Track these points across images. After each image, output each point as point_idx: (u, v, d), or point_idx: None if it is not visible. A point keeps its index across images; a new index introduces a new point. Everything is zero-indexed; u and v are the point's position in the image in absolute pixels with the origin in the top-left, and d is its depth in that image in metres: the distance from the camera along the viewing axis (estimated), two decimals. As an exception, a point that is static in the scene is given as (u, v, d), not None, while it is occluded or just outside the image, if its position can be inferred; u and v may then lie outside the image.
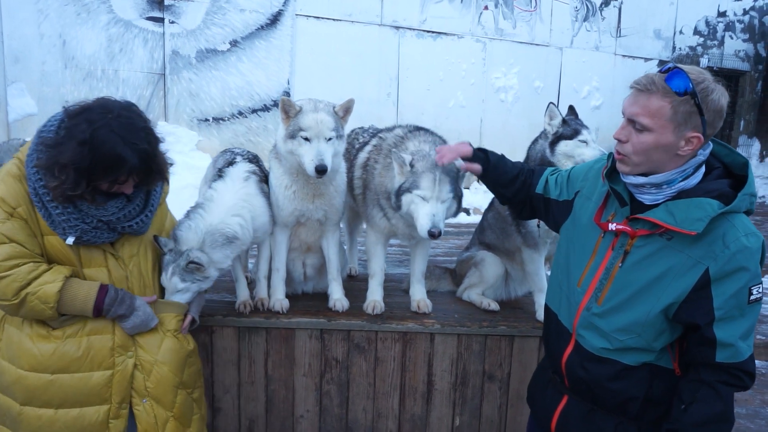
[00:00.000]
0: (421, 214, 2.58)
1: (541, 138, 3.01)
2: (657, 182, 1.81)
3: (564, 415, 2.08)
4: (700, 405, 1.77)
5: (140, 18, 8.62)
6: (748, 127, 14.60)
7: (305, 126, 2.61)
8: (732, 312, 1.73)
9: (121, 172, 2.04)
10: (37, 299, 2.06)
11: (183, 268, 2.38)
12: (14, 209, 2.06)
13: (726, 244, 1.71)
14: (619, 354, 1.90)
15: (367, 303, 3.03)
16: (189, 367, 2.42)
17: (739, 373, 1.76)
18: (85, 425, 2.19)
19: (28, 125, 8.30)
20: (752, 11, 13.96)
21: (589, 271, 1.97)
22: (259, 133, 9.44)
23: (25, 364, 2.14)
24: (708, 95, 1.69)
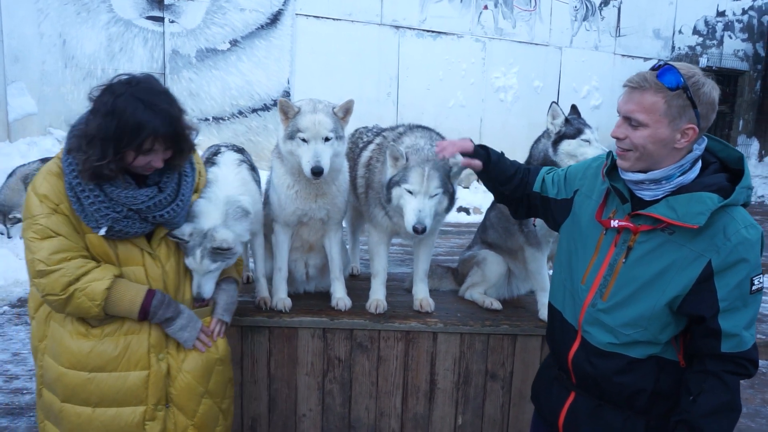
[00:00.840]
0: (407, 209, 2.59)
1: (544, 137, 3.01)
2: (656, 178, 1.85)
3: (572, 412, 2.09)
4: (708, 395, 1.80)
5: (140, 17, 8.64)
6: (747, 127, 14.63)
7: (303, 127, 2.61)
8: (735, 303, 1.77)
9: (145, 135, 2.02)
10: (85, 296, 2.06)
11: (211, 251, 2.30)
12: (57, 205, 2.08)
13: (727, 237, 1.75)
14: (625, 348, 1.92)
15: (370, 302, 3.03)
16: (216, 376, 2.37)
17: (743, 362, 1.80)
18: (122, 425, 2.18)
19: (28, 124, 8.31)
20: (751, 11, 13.99)
21: (592, 268, 2.00)
22: (259, 133, 9.45)
23: (65, 362, 2.14)
24: (699, 88, 1.75)
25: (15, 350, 4.76)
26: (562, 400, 2.13)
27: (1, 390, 4.10)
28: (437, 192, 2.61)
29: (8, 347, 4.81)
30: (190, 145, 2.22)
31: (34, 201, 2.09)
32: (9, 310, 5.64)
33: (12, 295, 6.03)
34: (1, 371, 4.38)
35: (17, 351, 4.74)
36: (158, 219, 2.18)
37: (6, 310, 5.64)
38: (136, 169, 2.12)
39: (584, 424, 2.06)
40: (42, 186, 2.10)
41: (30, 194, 2.12)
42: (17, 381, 4.25)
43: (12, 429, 3.64)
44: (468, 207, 10.28)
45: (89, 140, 2.01)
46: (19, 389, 4.13)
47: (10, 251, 6.78)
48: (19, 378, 4.29)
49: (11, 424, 3.69)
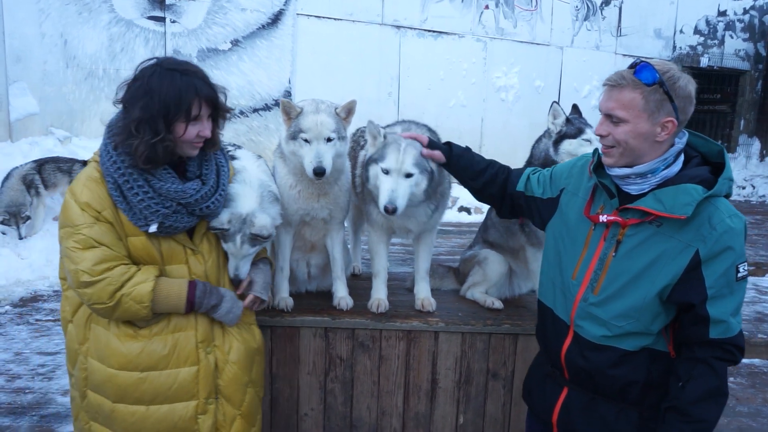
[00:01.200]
0: (381, 189, 2.56)
1: (545, 137, 3.01)
2: (641, 172, 1.91)
3: (565, 407, 2.13)
4: (698, 381, 1.85)
5: (141, 17, 8.65)
6: (749, 127, 14.62)
7: (305, 127, 2.62)
8: (722, 290, 1.83)
9: (190, 97, 2.06)
10: (132, 300, 2.08)
11: (251, 237, 2.34)
12: (100, 213, 2.09)
13: (713, 226, 1.82)
14: (618, 340, 1.97)
15: (372, 301, 3.03)
16: (257, 366, 2.47)
17: (731, 347, 1.85)
18: (176, 421, 2.22)
19: (29, 124, 8.33)
20: (752, 10, 13.98)
21: (582, 264, 2.04)
22: (260, 133, 9.46)
23: (114, 363, 2.16)
24: (675, 82, 1.82)
25: (17, 350, 4.77)
26: (555, 397, 2.16)
27: (3, 389, 4.12)
28: (413, 171, 2.55)
29: (10, 347, 4.82)
30: (225, 111, 2.25)
31: (75, 210, 2.09)
32: (11, 310, 5.66)
33: (14, 294, 6.05)
34: (3, 371, 4.40)
35: (19, 351, 4.76)
36: (204, 211, 2.22)
37: (8, 309, 5.66)
38: (185, 148, 2.14)
39: (578, 418, 2.09)
40: (83, 194, 2.09)
41: (70, 202, 2.11)
42: (19, 380, 4.26)
43: (14, 428, 3.65)
44: (469, 207, 10.29)
45: (137, 125, 2.02)
46: (21, 389, 4.14)
47: (12, 251, 6.80)
48: (21, 377, 4.30)
49: (14, 423, 3.70)
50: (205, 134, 2.15)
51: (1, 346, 4.82)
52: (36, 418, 3.78)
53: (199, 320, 2.27)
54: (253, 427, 2.44)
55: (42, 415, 3.81)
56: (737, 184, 13.80)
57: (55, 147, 8.17)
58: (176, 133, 2.07)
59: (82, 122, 8.63)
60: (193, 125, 2.10)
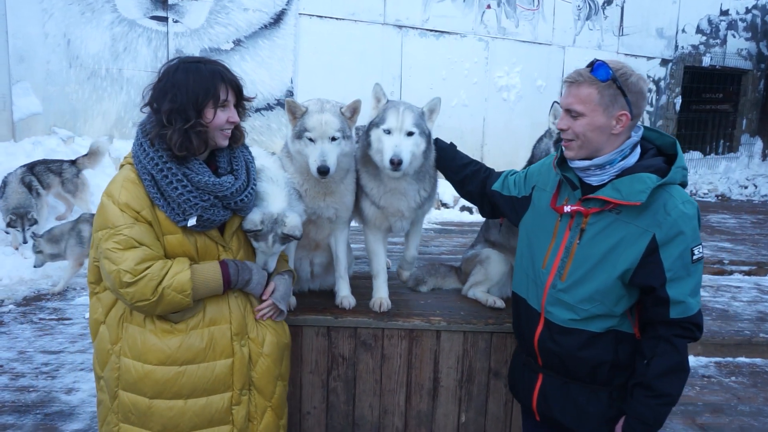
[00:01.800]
0: (385, 147, 2.69)
1: (546, 137, 3.02)
2: (600, 163, 2.08)
3: (542, 393, 2.28)
4: (661, 358, 2.02)
5: (144, 17, 8.67)
6: (751, 126, 14.61)
7: (310, 126, 2.64)
8: (680, 272, 1.98)
9: (217, 82, 2.16)
10: (174, 291, 2.13)
11: (282, 236, 2.41)
12: (139, 213, 2.14)
13: (667, 212, 1.98)
14: (585, 323, 2.12)
15: (374, 301, 3.05)
16: (286, 360, 2.55)
17: (689, 325, 2.02)
18: (213, 412, 2.28)
19: (33, 124, 8.35)
20: (755, 10, 13.97)
21: (551, 253, 2.20)
22: (262, 132, 9.47)
23: (153, 359, 2.21)
24: (627, 79, 1.99)
25: (20, 348, 4.80)
26: (533, 384, 2.32)
27: (7, 388, 4.14)
28: (413, 130, 2.70)
29: (14, 345, 4.85)
30: (246, 100, 2.35)
31: (115, 211, 2.13)
32: (14, 309, 5.68)
33: (17, 293, 6.08)
34: (7, 369, 4.42)
35: (23, 349, 4.78)
36: (238, 205, 2.29)
37: (11, 308, 5.69)
38: (217, 137, 2.23)
39: (554, 402, 2.24)
40: (122, 195, 2.15)
41: (108, 204, 2.15)
42: (23, 379, 4.28)
43: (19, 426, 3.67)
44: (471, 206, 10.30)
45: (168, 116, 2.11)
46: (25, 387, 4.17)
47: (15, 250, 6.83)
48: (25, 376, 4.33)
49: (18, 421, 3.73)
50: (234, 119, 2.25)
51: (5, 345, 4.84)
52: (40, 416, 3.80)
53: (233, 313, 2.34)
54: (281, 420, 2.51)
55: (46, 413, 3.83)
56: (740, 183, 13.79)
57: (58, 147, 8.19)
58: (206, 119, 2.16)
59: (84, 122, 8.65)
60: (222, 111, 2.20)
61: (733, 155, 14.55)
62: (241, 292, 2.39)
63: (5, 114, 8.23)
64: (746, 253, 7.76)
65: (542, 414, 2.31)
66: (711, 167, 14.19)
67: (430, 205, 3.15)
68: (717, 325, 5.51)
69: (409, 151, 2.68)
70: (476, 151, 11.31)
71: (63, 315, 5.59)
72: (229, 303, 2.33)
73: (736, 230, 9.41)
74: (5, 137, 8.21)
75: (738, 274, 7.27)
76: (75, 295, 6.12)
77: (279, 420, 2.49)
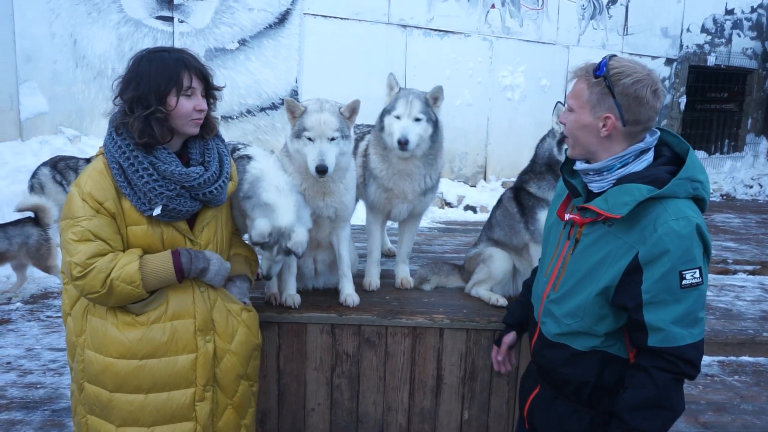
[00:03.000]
0: (395, 129, 2.97)
1: (549, 137, 3.04)
2: (597, 168, 1.91)
3: (533, 402, 2.20)
4: (635, 390, 1.81)
5: (150, 17, 8.71)
6: (756, 125, 14.57)
7: (309, 126, 2.67)
8: (661, 296, 1.75)
9: (179, 70, 2.16)
10: (122, 282, 2.11)
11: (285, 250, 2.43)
12: (101, 204, 2.14)
13: (655, 228, 1.76)
14: (568, 338, 1.98)
15: (365, 281, 3.32)
16: (254, 360, 2.53)
17: (673, 359, 1.76)
18: (174, 408, 2.26)
19: (39, 123, 8.40)
20: (760, 9, 13.92)
21: (553, 262, 2.09)
22: (267, 132, 9.51)
23: (113, 352, 2.20)
24: (620, 80, 1.80)
25: (28, 345, 4.85)
26: (530, 391, 2.23)
27: (15, 384, 4.19)
28: (420, 117, 2.99)
29: (22, 343, 4.90)
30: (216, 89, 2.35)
31: (77, 201, 2.15)
32: (22, 307, 5.73)
33: (24, 291, 6.12)
34: (16, 366, 4.47)
35: (30, 346, 4.83)
36: (207, 196, 2.28)
37: (19, 306, 5.74)
38: (185, 125, 2.22)
39: (540, 414, 2.15)
40: (87, 184, 2.16)
41: (73, 193, 2.17)
42: (31, 376, 4.33)
43: (27, 422, 3.72)
44: (475, 205, 10.31)
45: (131, 105, 2.13)
46: (33, 384, 4.21)
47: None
48: (33, 373, 4.37)
49: (26, 417, 3.77)
50: (202, 107, 2.23)
51: (13, 342, 4.90)
52: (48, 412, 3.85)
53: (198, 308, 2.31)
54: (243, 419, 2.49)
55: (54, 409, 3.88)
56: (744, 183, 13.75)
57: (65, 146, 8.24)
58: (169, 106, 2.15)
59: (91, 121, 8.70)
60: (187, 99, 2.19)
61: (738, 155, 14.51)
62: (210, 287, 2.37)
63: (12, 113, 8.28)
64: (750, 253, 7.76)
65: (530, 423, 2.24)
66: (716, 167, 14.15)
67: (432, 196, 3.34)
68: (720, 324, 5.52)
69: (416, 134, 2.96)
70: (480, 151, 11.33)
71: (68, 312, 5.63)
72: (194, 297, 2.31)
73: (741, 230, 9.40)
74: (12, 136, 8.26)
75: (742, 274, 7.27)
76: (81, 293, 6.17)
77: (240, 419, 2.47)
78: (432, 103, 3.08)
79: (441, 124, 3.12)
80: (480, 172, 11.42)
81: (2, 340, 4.93)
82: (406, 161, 3.09)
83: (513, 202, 3.16)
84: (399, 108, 3.00)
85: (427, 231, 6.48)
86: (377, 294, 3.28)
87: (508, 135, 11.32)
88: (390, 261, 3.92)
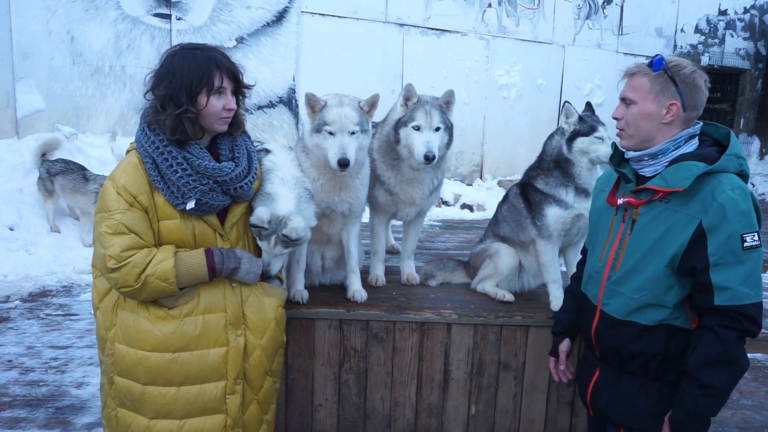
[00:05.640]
0: (417, 143, 2.93)
1: (557, 134, 3.05)
2: (653, 153, 2.10)
3: (596, 387, 2.30)
4: (703, 348, 1.96)
5: (147, 14, 8.69)
6: (748, 125, 14.68)
7: (329, 120, 2.67)
8: (726, 258, 1.92)
9: (212, 70, 2.19)
10: (157, 279, 2.13)
11: (282, 238, 2.41)
12: (135, 198, 2.16)
13: (714, 198, 1.94)
14: (636, 315, 2.12)
15: (371, 277, 3.35)
16: (279, 357, 2.56)
17: (737, 316, 1.92)
18: (206, 401, 2.28)
19: (36, 121, 8.36)
20: (753, 9, 14.03)
21: (607, 247, 2.24)
22: (264, 130, 9.49)
23: (146, 345, 2.21)
24: (680, 70, 2.04)
25: (29, 343, 4.83)
26: (589, 377, 2.34)
27: (17, 382, 4.17)
28: (440, 126, 2.99)
29: (22, 341, 4.88)
30: (245, 88, 2.38)
31: (112, 194, 2.16)
32: (21, 305, 5.71)
33: (23, 289, 6.10)
34: (17, 364, 4.45)
35: (31, 344, 4.81)
36: (238, 191, 2.32)
37: (18, 304, 5.71)
38: (214, 123, 2.25)
39: (605, 395, 2.26)
40: (121, 177, 2.18)
41: (108, 187, 2.19)
42: (33, 373, 4.31)
43: (31, 419, 3.70)
44: (471, 204, 10.35)
45: (162, 102, 2.15)
46: (35, 381, 4.19)
47: (21, 247, 6.85)
48: (35, 371, 4.36)
49: (30, 414, 3.76)
50: (231, 106, 2.26)
51: (13, 340, 4.87)
52: (51, 409, 3.83)
53: (229, 302, 2.33)
54: (265, 414, 2.51)
55: (57, 407, 3.86)
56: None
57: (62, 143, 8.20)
58: (199, 105, 2.18)
59: (88, 119, 8.67)
60: (217, 98, 2.22)
61: (730, 154, 14.59)
62: (242, 282, 2.39)
63: (9, 111, 8.23)
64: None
65: (594, 407, 2.32)
66: (709, 166, 14.21)
67: (437, 194, 3.37)
68: (718, 321, 5.56)
69: (437, 146, 2.94)
70: (476, 149, 11.37)
71: (69, 311, 5.62)
72: (225, 292, 2.33)
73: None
74: (8, 134, 8.22)
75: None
76: (80, 291, 6.15)
77: (263, 414, 2.49)
78: (446, 109, 3.06)
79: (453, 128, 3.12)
80: (476, 171, 11.46)
81: (2, 338, 4.91)
82: (417, 170, 3.10)
83: (520, 198, 3.18)
84: (419, 119, 2.96)
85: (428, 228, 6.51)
86: (384, 290, 3.30)
87: (504, 134, 11.36)
88: (394, 258, 3.95)
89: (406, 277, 3.43)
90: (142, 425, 2.26)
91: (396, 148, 3.04)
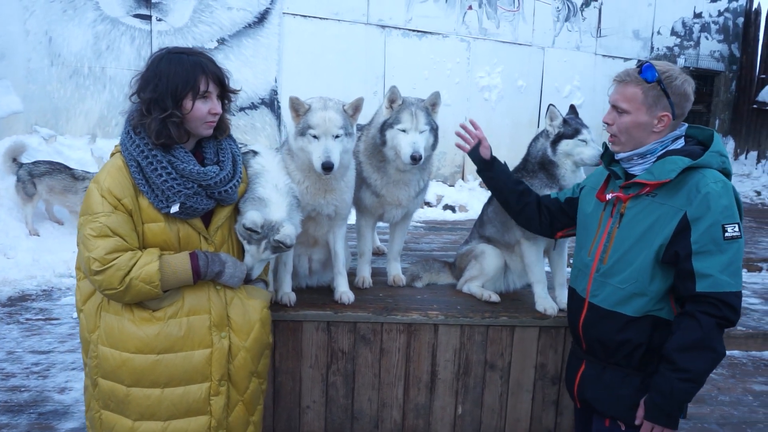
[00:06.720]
0: (403, 144, 2.96)
1: (542, 137, 3.09)
2: (641, 152, 2.22)
3: (582, 379, 2.40)
4: (682, 332, 2.05)
5: (127, 15, 8.60)
6: (723, 126, 14.96)
7: (314, 123, 2.68)
8: (708, 246, 2.02)
9: (197, 74, 2.19)
10: (141, 281, 2.13)
11: (273, 243, 2.41)
12: (119, 201, 2.16)
13: (698, 190, 2.05)
14: (623, 305, 2.21)
15: (357, 279, 3.36)
16: (264, 359, 2.53)
17: (718, 303, 2.01)
18: (190, 402, 2.28)
19: (13, 123, 8.22)
20: (727, 12, 14.31)
21: (596, 241, 2.34)
22: (246, 131, 9.45)
23: (131, 347, 2.21)
24: (672, 81, 2.12)
25: (9, 349, 4.76)
26: (576, 370, 2.43)
27: (-2, 388, 4.11)
28: (426, 128, 3.02)
29: (2, 346, 4.80)
30: (231, 93, 2.37)
31: (96, 197, 2.16)
32: (0, 310, 5.61)
33: (2, 294, 6.01)
34: (-3, 369, 4.39)
35: (11, 350, 4.74)
36: (222, 195, 2.32)
37: (-4, 309, 5.62)
38: (199, 127, 2.26)
39: (590, 387, 2.35)
40: (106, 180, 2.18)
41: (92, 190, 2.18)
42: (14, 379, 4.25)
43: (13, 426, 3.65)
44: (453, 205, 10.40)
45: (148, 106, 2.16)
46: (16, 387, 4.14)
47: (-2, 250, 6.74)
48: (16, 376, 4.30)
49: (12, 421, 3.70)
50: (216, 111, 2.27)
51: (-7, 345, 4.80)
52: (34, 415, 3.78)
53: (214, 304, 2.33)
54: (252, 416, 2.51)
55: (40, 412, 3.82)
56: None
57: (40, 146, 8.08)
58: (185, 109, 2.19)
59: (67, 121, 8.55)
60: (202, 102, 2.22)
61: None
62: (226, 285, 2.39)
63: (-15, 112, 8.09)
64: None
65: (580, 399, 2.42)
66: (685, 166, 14.46)
67: (423, 196, 3.40)
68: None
69: (423, 147, 2.97)
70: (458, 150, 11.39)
71: (50, 315, 5.55)
72: (209, 294, 2.33)
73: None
74: (-16, 136, 8.08)
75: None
76: (61, 295, 6.07)
77: (249, 416, 2.49)
78: (431, 110, 3.09)
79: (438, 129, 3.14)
80: (458, 172, 11.53)
81: (-19, 343, 4.84)
82: (404, 172, 3.13)
83: (505, 200, 3.21)
84: (404, 121, 2.98)
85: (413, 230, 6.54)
86: (371, 291, 3.32)
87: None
88: (380, 259, 3.97)
89: (392, 279, 3.45)
90: (126, 427, 2.25)
91: (382, 150, 3.07)
